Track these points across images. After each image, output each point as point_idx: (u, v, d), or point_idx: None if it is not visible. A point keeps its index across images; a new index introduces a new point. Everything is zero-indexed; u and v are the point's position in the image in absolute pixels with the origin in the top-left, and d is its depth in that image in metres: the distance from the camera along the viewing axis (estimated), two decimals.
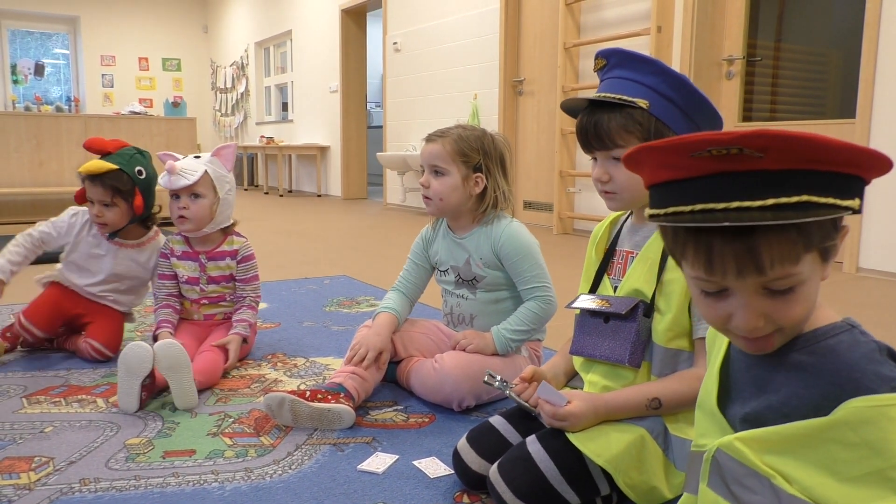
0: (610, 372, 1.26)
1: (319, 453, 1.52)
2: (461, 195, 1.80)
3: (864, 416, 0.69)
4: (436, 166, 1.80)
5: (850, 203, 0.70)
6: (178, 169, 2.05)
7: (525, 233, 1.82)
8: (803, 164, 0.68)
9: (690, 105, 1.22)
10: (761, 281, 0.71)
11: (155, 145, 5.79)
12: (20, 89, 11.94)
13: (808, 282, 0.73)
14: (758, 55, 4.43)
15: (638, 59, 1.24)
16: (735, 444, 0.78)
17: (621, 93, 1.22)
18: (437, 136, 1.81)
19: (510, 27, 5.94)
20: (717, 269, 0.72)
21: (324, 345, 2.35)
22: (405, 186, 7.32)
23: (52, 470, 1.44)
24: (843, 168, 0.69)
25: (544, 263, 1.82)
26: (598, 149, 1.26)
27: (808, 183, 0.68)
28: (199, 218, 2.11)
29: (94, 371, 2.07)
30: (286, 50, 10.57)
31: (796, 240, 0.69)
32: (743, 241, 0.69)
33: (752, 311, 0.73)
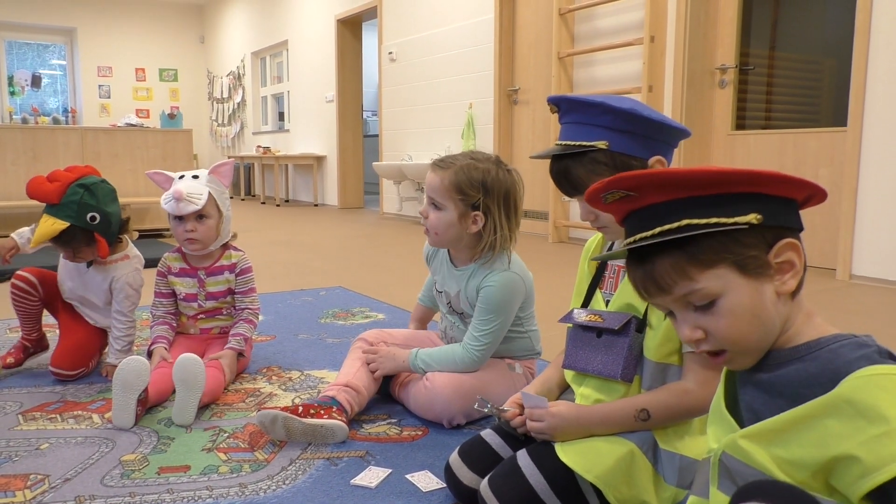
0: (602, 385, 1.28)
1: (313, 468, 1.53)
2: (457, 231, 1.72)
3: (856, 386, 0.71)
4: (433, 199, 1.72)
5: (740, 219, 0.78)
6: (184, 195, 2.05)
7: (512, 288, 1.73)
8: (679, 194, 0.80)
9: (648, 131, 1.26)
10: (674, 298, 0.82)
11: (151, 157, 5.81)
12: (17, 101, 11.97)
13: (729, 297, 0.80)
14: (750, 64, 4.47)
15: (585, 103, 1.28)
16: (738, 441, 0.81)
17: (580, 138, 1.27)
18: (439, 167, 1.72)
19: (505, 37, 5.97)
20: (641, 292, 0.86)
21: (318, 358, 2.36)
22: (401, 196, 7.34)
23: (47, 487, 1.45)
24: (723, 189, 0.79)
25: (506, 324, 1.75)
26: (574, 194, 1.31)
27: (688, 208, 0.79)
28: (207, 238, 2.13)
29: (89, 387, 2.08)
30: (282, 60, 10.60)
31: (681, 258, 0.80)
32: (643, 267, 0.83)
33: (686, 323, 0.83)
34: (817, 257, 4.01)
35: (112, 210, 2.10)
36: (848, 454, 0.71)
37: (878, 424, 0.69)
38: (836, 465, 0.73)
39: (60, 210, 2.00)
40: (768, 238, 0.80)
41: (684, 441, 1.22)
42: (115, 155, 5.67)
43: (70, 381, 2.12)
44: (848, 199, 3.67)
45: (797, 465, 0.76)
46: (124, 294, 2.17)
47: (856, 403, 0.71)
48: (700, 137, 4.53)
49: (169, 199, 2.06)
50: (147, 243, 5.15)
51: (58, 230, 1.98)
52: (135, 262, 2.23)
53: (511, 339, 1.84)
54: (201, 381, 1.79)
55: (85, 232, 2.03)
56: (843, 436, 0.71)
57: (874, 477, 0.69)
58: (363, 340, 1.91)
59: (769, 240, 0.80)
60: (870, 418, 0.69)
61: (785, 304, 0.82)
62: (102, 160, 5.61)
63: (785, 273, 0.81)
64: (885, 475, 0.68)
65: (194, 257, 2.19)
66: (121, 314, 2.17)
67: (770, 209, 0.79)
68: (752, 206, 0.79)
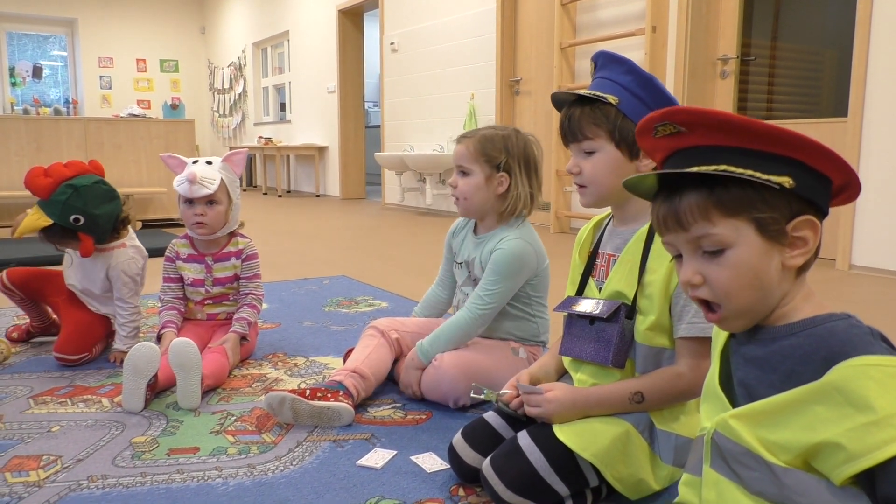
0: (597, 371, 1.31)
1: (320, 450, 1.56)
2: (484, 195, 1.83)
3: (846, 375, 0.73)
4: (461, 166, 1.84)
5: (774, 178, 0.80)
6: (198, 178, 2.09)
7: (522, 254, 1.80)
8: (725, 140, 0.81)
9: (658, 104, 1.28)
10: (687, 237, 0.85)
11: (154, 147, 5.83)
12: (18, 91, 11.97)
13: (739, 249, 0.82)
14: (752, 54, 4.48)
15: (614, 59, 1.33)
16: (728, 421, 0.83)
17: (599, 90, 1.31)
18: (464, 137, 1.86)
19: (507, 27, 5.98)
20: (660, 227, 0.88)
21: (323, 344, 2.40)
22: (403, 186, 7.36)
23: (60, 468, 1.48)
24: (767, 147, 0.80)
25: (511, 290, 1.81)
26: (571, 141, 1.35)
27: (730, 156, 0.81)
28: (216, 223, 2.17)
29: (98, 372, 2.12)
30: (283, 50, 10.60)
31: (708, 199, 0.82)
32: (670, 202, 0.85)
33: (689, 265, 0.86)
34: None
35: (101, 212, 2.12)
36: (833, 441, 0.73)
37: (866, 413, 0.71)
38: (820, 450, 0.75)
39: (47, 207, 2.06)
40: (794, 207, 0.81)
41: (680, 421, 1.26)
42: (118, 146, 5.69)
43: (75, 367, 2.16)
44: None
45: (782, 447, 0.78)
46: (121, 282, 2.20)
47: (845, 392, 0.73)
48: None
49: (182, 182, 2.10)
50: (150, 233, 5.18)
51: (40, 226, 2.06)
52: (131, 251, 2.26)
53: (518, 317, 1.88)
54: (196, 361, 1.81)
55: (67, 231, 2.09)
56: (831, 422, 0.73)
57: (858, 462, 0.71)
58: (374, 328, 1.94)
59: (794, 209, 0.82)
60: (858, 407, 0.72)
61: (788, 277, 0.84)
62: (105, 151, 5.63)
63: (796, 248, 0.83)
64: (869, 461, 0.71)
65: (202, 244, 2.22)
66: (122, 301, 2.21)
67: (804, 179, 0.81)
68: (789, 171, 0.80)
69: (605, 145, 1.30)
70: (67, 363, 2.16)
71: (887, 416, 0.71)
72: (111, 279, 2.21)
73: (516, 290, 1.84)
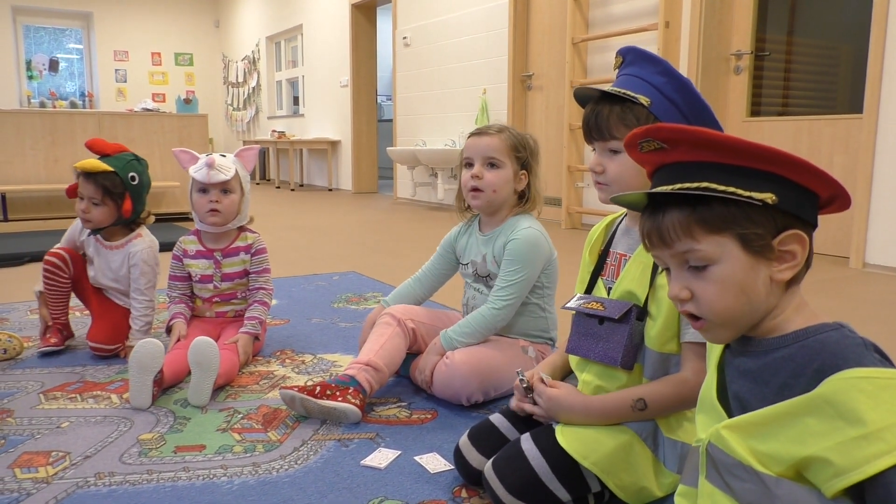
0: (603, 372, 1.30)
1: (324, 448, 1.57)
2: (510, 189, 1.87)
3: (837, 387, 0.73)
4: (492, 158, 1.84)
5: (756, 195, 0.79)
6: (216, 164, 2.13)
7: (537, 242, 1.83)
8: (708, 156, 0.82)
9: (692, 110, 1.25)
10: (672, 253, 0.85)
11: (167, 142, 5.86)
12: (35, 85, 12.08)
13: (724, 265, 0.82)
14: (766, 50, 4.43)
15: (648, 58, 1.28)
16: (721, 432, 0.83)
17: (630, 88, 1.26)
18: (491, 130, 1.86)
19: (519, 22, 5.95)
20: (646, 242, 0.89)
21: (331, 341, 2.40)
22: (415, 181, 7.36)
23: (68, 464, 1.50)
24: (749, 163, 0.80)
25: (531, 278, 1.82)
26: (597, 139, 1.31)
27: (712, 172, 0.81)
28: (229, 212, 2.19)
29: (108, 367, 2.14)
30: (297, 44, 10.62)
31: (690, 216, 0.82)
32: (654, 218, 0.86)
33: (676, 280, 0.87)
34: (831, 245, 4.00)
35: (147, 182, 2.28)
36: (822, 457, 0.73)
37: (856, 427, 0.71)
38: (810, 464, 0.75)
39: (110, 160, 2.20)
40: (778, 223, 0.81)
41: (685, 428, 1.24)
42: (132, 140, 5.72)
43: (107, 357, 2.20)
44: (862, 186, 3.65)
45: (773, 458, 0.78)
46: (140, 270, 2.24)
47: (836, 405, 0.72)
48: None
49: (201, 167, 2.14)
50: (163, 227, 5.21)
51: (101, 167, 2.16)
52: (148, 240, 2.31)
53: (530, 314, 1.88)
54: (216, 363, 1.83)
55: (119, 185, 2.18)
56: (821, 435, 0.73)
57: (848, 476, 0.71)
58: (390, 315, 1.92)
59: (779, 225, 0.81)
60: (848, 420, 0.71)
61: (776, 291, 0.84)
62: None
63: (784, 262, 0.82)
64: (859, 475, 0.70)
65: (210, 238, 2.24)
66: (139, 292, 2.23)
67: (788, 195, 0.80)
68: (772, 187, 0.80)
69: None
70: (103, 353, 2.20)
71: (878, 430, 0.70)
72: (131, 268, 2.25)
73: (535, 279, 1.85)
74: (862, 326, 2.77)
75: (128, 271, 2.25)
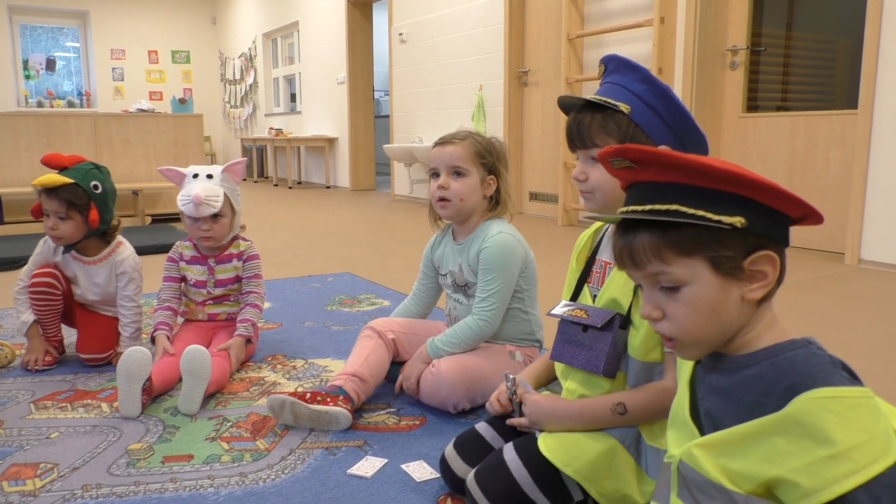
0: (587, 380, 1.30)
1: (312, 457, 1.57)
2: (478, 196, 1.86)
3: (805, 408, 0.73)
4: (457, 167, 1.83)
5: (726, 218, 0.79)
6: (203, 199, 2.11)
7: (510, 246, 1.82)
8: (678, 178, 0.81)
9: (672, 116, 1.25)
10: (644, 274, 0.85)
11: (163, 142, 5.86)
12: (32, 84, 12.07)
13: (695, 287, 0.82)
14: (762, 45, 4.42)
15: (628, 66, 1.29)
16: (692, 450, 0.83)
17: (611, 96, 1.27)
18: (455, 139, 1.85)
19: (515, 18, 5.93)
20: (618, 262, 0.88)
21: (323, 346, 2.40)
22: (412, 178, 7.35)
23: (56, 476, 1.50)
24: (719, 186, 0.80)
25: (510, 284, 1.82)
26: (579, 147, 1.32)
27: (682, 194, 0.81)
28: (222, 235, 2.21)
29: (99, 375, 2.14)
30: (294, 41, 10.59)
31: (661, 239, 0.82)
32: (625, 238, 0.86)
33: (648, 299, 0.87)
34: (826, 241, 3.99)
35: (111, 189, 2.23)
36: (791, 479, 0.73)
37: (825, 447, 0.71)
38: (779, 484, 0.75)
39: (69, 172, 2.15)
40: (749, 244, 0.81)
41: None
42: (127, 141, 5.72)
43: (99, 366, 2.20)
44: (858, 182, 3.64)
45: (743, 476, 0.78)
46: (128, 277, 2.24)
47: (805, 425, 0.73)
48: (710, 120, 4.50)
49: (188, 203, 2.12)
50: (160, 228, 5.21)
51: (61, 180, 2.10)
52: (130, 247, 2.30)
53: (512, 318, 1.88)
54: (207, 372, 1.83)
55: (82, 196, 2.13)
56: (790, 454, 0.73)
57: (817, 496, 0.71)
58: (371, 329, 1.94)
59: (749, 246, 0.81)
60: (817, 440, 0.72)
61: (748, 309, 0.84)
62: (115, 146, 5.67)
63: (755, 281, 0.82)
64: (828, 495, 0.71)
65: (206, 247, 2.25)
66: (127, 299, 2.23)
67: (758, 217, 0.80)
68: (741, 210, 0.80)
69: None
70: (96, 362, 2.20)
71: (846, 450, 0.71)
72: (119, 277, 2.24)
73: (514, 283, 1.84)
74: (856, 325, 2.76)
75: (113, 281, 2.25)
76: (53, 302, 2.22)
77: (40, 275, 2.21)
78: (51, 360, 2.22)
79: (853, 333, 2.51)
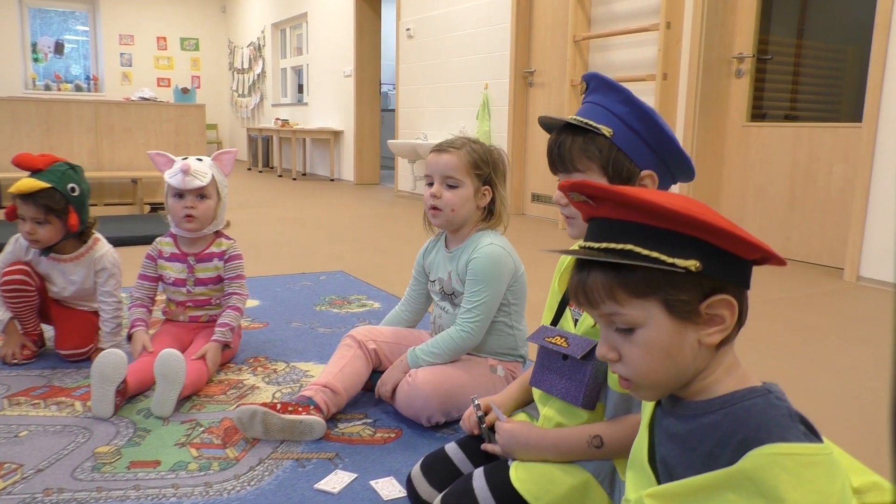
0: (565, 409, 1.26)
1: (280, 469, 1.54)
2: (471, 207, 1.82)
3: (758, 464, 0.71)
4: (451, 177, 1.79)
5: (680, 261, 0.76)
6: (192, 170, 2.08)
7: (499, 259, 1.79)
8: (632, 217, 0.78)
9: (656, 140, 1.21)
10: (599, 314, 0.82)
11: (164, 131, 5.84)
12: (41, 67, 12.06)
13: (648, 329, 0.79)
14: (769, 53, 4.36)
15: (610, 86, 1.24)
16: (645, 500, 0.80)
17: (592, 118, 1.22)
18: (450, 148, 1.81)
19: (521, 17, 5.88)
20: (573, 298, 0.85)
21: (307, 348, 2.37)
22: (415, 174, 7.31)
23: (19, 478, 1.48)
24: (674, 227, 0.76)
25: (496, 297, 1.78)
26: (560, 171, 1.27)
27: (637, 234, 0.78)
28: (205, 218, 2.16)
29: (77, 372, 2.11)
30: (302, 32, 10.55)
31: (614, 280, 0.79)
32: (580, 275, 0.83)
33: (604, 339, 0.84)
34: (826, 256, 3.93)
35: (87, 193, 2.20)
36: None
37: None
38: None
39: (45, 175, 2.11)
40: (705, 287, 0.78)
41: None
42: (128, 129, 5.70)
43: (78, 361, 2.18)
44: (860, 197, 3.58)
45: None
46: (108, 273, 2.22)
47: (757, 482, 0.70)
48: (714, 128, 4.44)
49: (176, 173, 2.09)
50: (157, 217, 5.19)
51: (39, 186, 2.06)
52: (107, 244, 2.27)
53: (497, 332, 1.84)
54: (181, 376, 1.81)
55: (60, 200, 2.10)
56: None
57: None
58: (351, 338, 1.91)
59: (706, 289, 0.78)
60: (768, 498, 0.69)
61: (705, 353, 0.80)
62: (115, 134, 5.64)
63: (713, 325, 0.79)
64: None
65: (185, 242, 2.20)
66: (108, 295, 2.21)
67: (714, 261, 0.77)
68: (697, 253, 0.76)
69: (596, 179, 1.22)
70: (76, 357, 2.18)
71: None
72: (98, 273, 2.21)
73: (501, 296, 1.81)
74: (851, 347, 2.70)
75: (93, 280, 2.22)
76: (28, 298, 2.19)
77: (11, 272, 2.17)
78: (29, 354, 2.19)
79: (845, 355, 2.47)
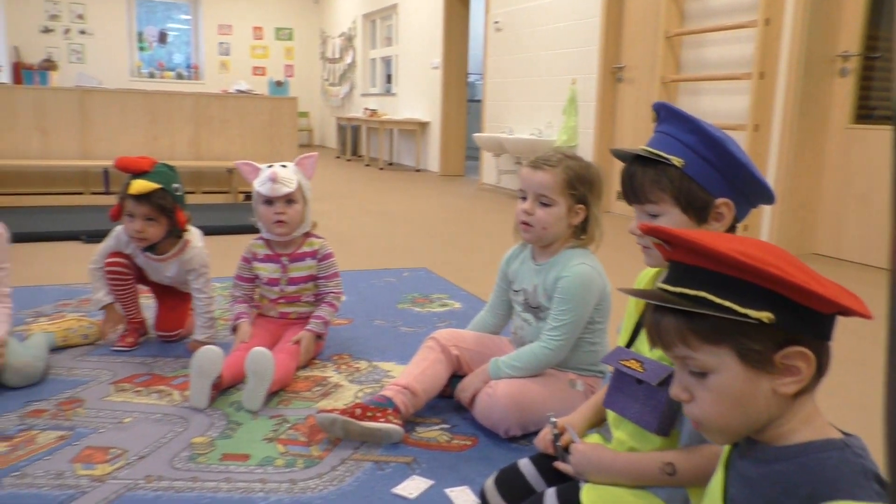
0: (638, 434, 1.26)
1: (361, 470, 1.60)
2: (563, 225, 1.81)
3: None
4: (544, 196, 1.78)
5: (753, 313, 0.75)
6: (280, 177, 2.19)
7: (589, 280, 1.78)
8: (706, 264, 0.79)
9: (729, 168, 1.20)
10: (673, 356, 0.83)
11: (259, 123, 6.06)
12: (146, 55, 12.69)
13: (721, 375, 0.79)
14: (878, 50, 4.12)
15: (678, 115, 1.24)
16: None
17: (663, 149, 1.23)
18: (546, 165, 1.79)
19: (612, 11, 5.77)
20: (649, 338, 0.87)
21: (389, 347, 2.44)
22: (500, 168, 7.32)
23: (123, 463, 1.60)
24: (744, 276, 0.76)
25: (583, 317, 1.78)
26: (634, 202, 1.28)
27: (711, 282, 0.78)
28: (294, 221, 2.26)
29: (175, 361, 2.25)
30: (392, 23, 10.68)
31: (686, 325, 0.79)
32: (655, 317, 0.84)
33: (677, 379, 0.85)
34: None
35: (183, 192, 2.37)
36: None
37: None
38: None
39: (152, 176, 2.25)
40: (779, 339, 0.77)
41: None
42: (226, 120, 5.94)
43: (174, 342, 2.42)
44: None
45: None
46: (197, 273, 2.35)
47: None
48: (814, 130, 4.25)
49: (265, 181, 2.20)
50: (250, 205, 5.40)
51: (152, 187, 2.21)
52: (196, 240, 2.39)
53: (579, 348, 1.84)
54: (270, 373, 1.90)
55: (170, 200, 2.25)
56: None
57: None
58: (435, 340, 1.95)
59: (780, 340, 0.77)
60: None
61: (780, 402, 0.79)
62: (213, 125, 5.90)
63: (788, 376, 0.78)
64: None
65: (278, 244, 2.31)
66: (199, 291, 2.35)
67: (787, 315, 0.76)
68: (770, 304, 0.76)
69: (670, 209, 1.22)
70: (167, 339, 2.42)
71: None
72: (190, 274, 2.35)
73: (587, 317, 1.81)
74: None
75: (185, 274, 2.37)
76: (127, 285, 2.37)
77: (114, 263, 2.35)
78: (131, 342, 2.35)
79: None
